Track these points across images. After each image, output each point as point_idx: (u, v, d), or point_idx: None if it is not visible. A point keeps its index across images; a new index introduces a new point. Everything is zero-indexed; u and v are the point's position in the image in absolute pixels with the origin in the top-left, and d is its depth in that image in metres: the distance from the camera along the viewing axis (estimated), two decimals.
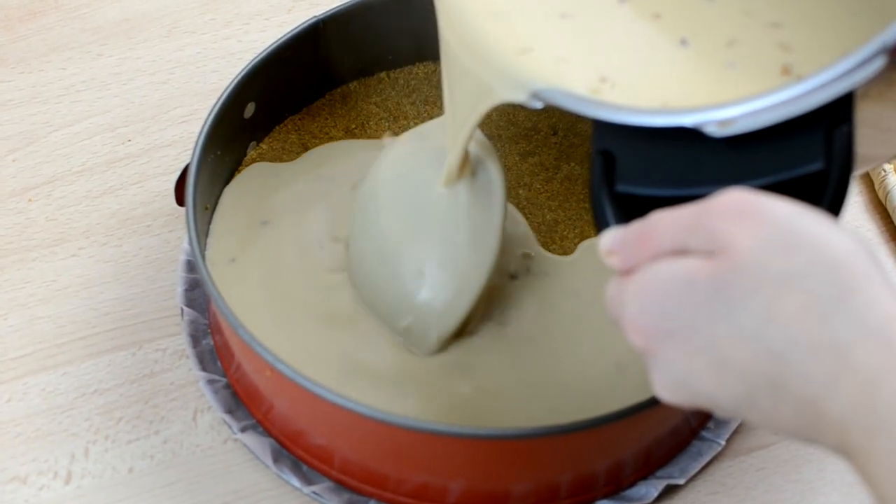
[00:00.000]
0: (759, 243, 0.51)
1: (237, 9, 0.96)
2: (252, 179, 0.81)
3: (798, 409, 0.51)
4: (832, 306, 0.50)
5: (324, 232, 0.79)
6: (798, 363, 0.50)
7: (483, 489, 0.72)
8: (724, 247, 0.52)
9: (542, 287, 0.77)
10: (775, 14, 0.62)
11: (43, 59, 0.93)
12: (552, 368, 0.74)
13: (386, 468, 0.72)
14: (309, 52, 0.83)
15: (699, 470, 0.75)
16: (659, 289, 0.53)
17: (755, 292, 0.51)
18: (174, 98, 0.91)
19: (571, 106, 0.62)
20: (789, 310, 0.50)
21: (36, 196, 0.86)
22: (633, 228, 0.56)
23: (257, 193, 0.81)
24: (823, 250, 0.51)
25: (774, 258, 0.51)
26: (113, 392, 0.78)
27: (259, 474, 0.75)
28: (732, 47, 0.62)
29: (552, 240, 0.80)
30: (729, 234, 0.52)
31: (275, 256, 0.78)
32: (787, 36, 0.61)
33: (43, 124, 0.90)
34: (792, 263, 0.50)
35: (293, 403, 0.72)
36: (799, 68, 0.59)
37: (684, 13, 0.64)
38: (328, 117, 0.85)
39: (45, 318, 0.81)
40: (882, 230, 0.86)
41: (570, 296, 0.77)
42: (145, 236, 0.84)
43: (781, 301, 0.50)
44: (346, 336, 0.75)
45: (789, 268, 0.50)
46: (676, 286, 0.53)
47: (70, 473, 0.75)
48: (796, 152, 0.55)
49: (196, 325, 0.79)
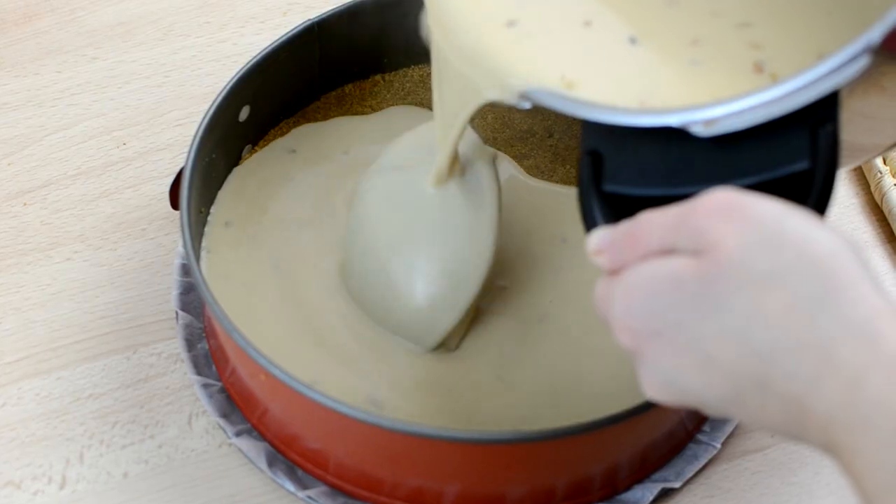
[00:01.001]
0: (745, 242, 0.51)
1: (232, 12, 0.96)
2: (251, 175, 0.81)
3: (784, 407, 0.51)
4: (816, 305, 0.50)
5: (321, 236, 0.79)
6: (783, 362, 0.50)
7: (478, 493, 0.72)
8: (710, 246, 0.52)
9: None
10: (745, 14, 0.62)
11: (38, 63, 0.93)
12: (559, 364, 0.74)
13: (381, 472, 0.72)
14: (304, 55, 0.83)
15: (695, 473, 0.75)
16: (646, 288, 0.54)
17: (740, 291, 0.51)
18: (169, 101, 0.91)
19: (559, 106, 0.62)
20: (774, 308, 0.50)
21: (31, 200, 0.86)
22: (620, 228, 0.56)
23: (254, 192, 0.81)
24: (808, 249, 0.51)
25: (759, 257, 0.51)
26: (108, 396, 0.78)
27: (254, 479, 0.74)
28: (697, 45, 0.62)
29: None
30: (715, 234, 0.52)
31: (271, 259, 0.78)
32: (758, 34, 0.61)
33: (38, 128, 0.90)
34: (777, 262, 0.51)
35: (288, 408, 0.72)
36: (771, 65, 0.59)
37: (645, 14, 0.64)
38: (323, 121, 0.85)
39: (39, 322, 0.81)
40: (878, 232, 0.86)
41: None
42: (140, 240, 0.84)
43: (766, 300, 0.51)
44: (342, 337, 0.75)
45: (774, 266, 0.51)
46: (663, 286, 0.53)
47: (65, 478, 0.75)
48: (782, 151, 0.56)
49: (191, 328, 0.79)
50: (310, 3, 0.96)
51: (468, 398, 0.73)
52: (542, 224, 0.80)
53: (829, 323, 0.50)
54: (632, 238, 0.55)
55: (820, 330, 0.50)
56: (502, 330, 0.76)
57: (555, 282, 0.78)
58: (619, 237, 0.56)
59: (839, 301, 0.50)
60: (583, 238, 0.59)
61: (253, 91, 0.81)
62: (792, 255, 0.50)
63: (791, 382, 0.50)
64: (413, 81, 0.87)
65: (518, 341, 0.76)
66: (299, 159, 0.83)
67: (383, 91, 0.87)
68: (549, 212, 0.81)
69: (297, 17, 0.90)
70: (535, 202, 0.81)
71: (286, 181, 0.82)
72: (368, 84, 0.87)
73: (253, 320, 0.75)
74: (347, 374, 0.74)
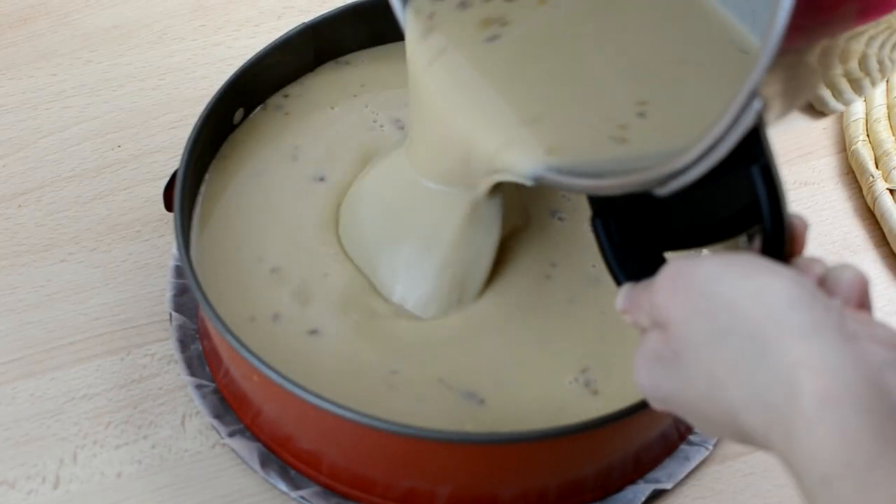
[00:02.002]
0: (688, 313, 0.55)
1: (227, 15, 0.96)
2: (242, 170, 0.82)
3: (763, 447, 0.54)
4: (754, 361, 0.52)
5: (316, 235, 0.79)
6: (744, 417, 0.53)
7: (471, 494, 0.72)
8: (666, 321, 0.56)
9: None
10: (642, 95, 0.66)
11: (33, 66, 0.94)
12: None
13: (374, 473, 0.72)
14: (298, 58, 0.83)
15: (686, 475, 0.75)
16: (643, 365, 0.58)
17: (697, 359, 0.54)
18: (164, 104, 0.91)
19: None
20: (723, 370, 0.53)
21: (26, 202, 0.86)
22: (631, 294, 0.61)
23: (245, 188, 0.81)
24: (738, 309, 0.53)
25: (701, 325, 0.54)
26: (102, 397, 0.78)
27: (247, 479, 0.75)
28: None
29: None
30: (666, 309, 0.56)
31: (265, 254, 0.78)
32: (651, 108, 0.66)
33: (33, 130, 0.90)
34: (715, 327, 0.54)
35: (281, 409, 0.72)
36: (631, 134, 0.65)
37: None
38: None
39: (34, 323, 0.81)
40: (870, 236, 0.86)
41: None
42: (134, 242, 0.84)
43: (715, 363, 0.53)
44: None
45: (714, 331, 0.54)
46: (652, 362, 0.57)
47: (58, 478, 0.75)
48: (730, 194, 0.58)
49: (185, 330, 0.79)
50: (304, 7, 0.97)
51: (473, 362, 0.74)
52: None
53: (764, 377, 0.52)
54: (633, 313, 0.60)
55: (759, 385, 0.52)
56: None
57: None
58: (633, 303, 0.61)
59: (769, 354, 0.52)
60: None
61: (247, 94, 0.81)
62: (726, 318, 0.53)
63: (756, 433, 0.53)
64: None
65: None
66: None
67: None
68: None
69: (292, 21, 0.91)
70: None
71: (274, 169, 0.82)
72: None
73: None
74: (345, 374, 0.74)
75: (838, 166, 0.90)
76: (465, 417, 0.71)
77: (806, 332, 0.51)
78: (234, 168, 0.80)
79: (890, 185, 0.86)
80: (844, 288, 0.56)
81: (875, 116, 0.89)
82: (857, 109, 0.90)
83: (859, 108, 0.90)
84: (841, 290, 0.56)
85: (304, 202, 0.79)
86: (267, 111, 0.83)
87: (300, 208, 0.79)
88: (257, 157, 0.81)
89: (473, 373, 0.73)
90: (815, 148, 0.91)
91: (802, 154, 0.90)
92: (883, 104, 0.90)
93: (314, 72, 0.84)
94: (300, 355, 0.73)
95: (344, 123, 0.83)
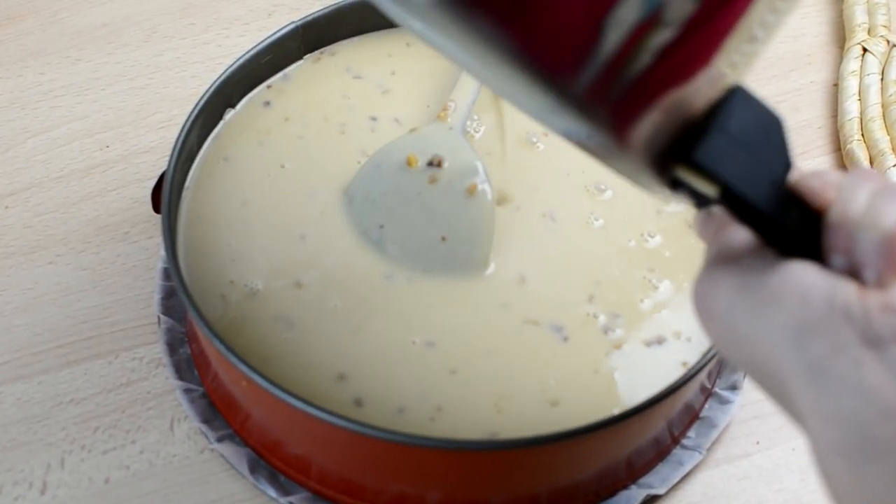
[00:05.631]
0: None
1: (217, 14, 0.96)
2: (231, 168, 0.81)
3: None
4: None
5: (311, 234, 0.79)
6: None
7: (461, 499, 0.72)
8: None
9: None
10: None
11: (21, 64, 0.93)
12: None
13: (363, 478, 0.71)
14: (288, 57, 0.83)
15: (680, 480, 0.75)
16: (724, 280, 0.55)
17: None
18: (153, 103, 0.91)
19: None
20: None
21: (13, 203, 0.86)
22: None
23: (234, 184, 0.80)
24: (754, 348, 0.52)
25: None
26: (89, 401, 0.77)
27: (236, 484, 0.74)
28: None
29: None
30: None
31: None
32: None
33: (21, 130, 0.89)
34: (738, 358, 0.54)
35: (270, 414, 0.72)
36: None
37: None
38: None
39: (21, 326, 0.80)
40: None
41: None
42: (123, 243, 0.84)
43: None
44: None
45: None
46: (737, 288, 0.54)
47: (45, 484, 0.74)
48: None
49: (173, 333, 0.78)
50: (294, 5, 0.96)
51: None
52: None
53: (791, 414, 0.52)
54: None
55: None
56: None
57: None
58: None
59: (789, 394, 0.51)
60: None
61: (237, 93, 0.81)
62: (749, 353, 0.53)
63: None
64: None
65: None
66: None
67: None
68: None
69: (282, 19, 0.90)
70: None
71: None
72: None
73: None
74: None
75: (833, 165, 0.89)
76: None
77: (814, 373, 0.49)
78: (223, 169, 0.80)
79: None
80: (872, 256, 0.50)
81: (870, 115, 0.89)
82: (852, 108, 0.89)
83: (854, 107, 0.89)
84: (869, 261, 0.50)
85: (294, 204, 0.79)
86: (254, 106, 0.82)
87: (290, 209, 0.78)
88: (245, 156, 0.80)
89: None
90: (809, 147, 0.90)
91: (797, 153, 0.90)
92: (878, 103, 0.89)
93: (300, 64, 0.84)
94: (289, 359, 0.72)
95: (333, 120, 0.82)
